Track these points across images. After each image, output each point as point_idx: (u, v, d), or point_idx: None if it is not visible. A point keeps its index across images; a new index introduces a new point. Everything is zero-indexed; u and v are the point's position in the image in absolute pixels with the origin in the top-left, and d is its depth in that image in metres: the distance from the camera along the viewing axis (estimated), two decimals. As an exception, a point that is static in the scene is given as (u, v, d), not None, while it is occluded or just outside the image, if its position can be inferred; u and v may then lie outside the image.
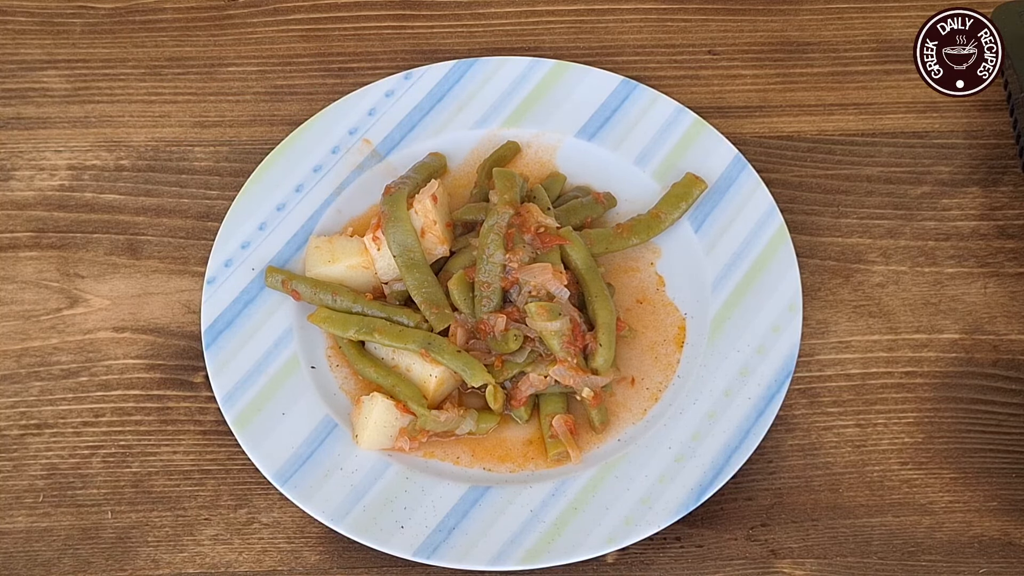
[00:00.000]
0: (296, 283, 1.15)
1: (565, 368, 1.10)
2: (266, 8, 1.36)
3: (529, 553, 1.04)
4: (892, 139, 1.27)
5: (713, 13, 1.35)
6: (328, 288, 1.14)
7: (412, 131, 1.24)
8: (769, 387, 1.10)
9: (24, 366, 1.17)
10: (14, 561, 1.09)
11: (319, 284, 1.15)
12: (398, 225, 1.14)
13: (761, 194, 1.19)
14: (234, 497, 1.11)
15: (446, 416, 1.09)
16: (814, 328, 1.17)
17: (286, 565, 1.08)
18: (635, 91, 1.24)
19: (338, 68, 1.33)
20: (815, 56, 1.32)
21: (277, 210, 1.20)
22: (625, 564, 1.07)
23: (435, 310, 1.13)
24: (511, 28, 1.35)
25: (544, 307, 1.09)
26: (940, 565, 1.07)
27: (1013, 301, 1.18)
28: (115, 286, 1.21)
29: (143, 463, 1.13)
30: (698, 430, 1.08)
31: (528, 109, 1.24)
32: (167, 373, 1.16)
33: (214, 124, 1.29)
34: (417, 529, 1.05)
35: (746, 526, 1.09)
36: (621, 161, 1.22)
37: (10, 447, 1.13)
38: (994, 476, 1.10)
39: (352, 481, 1.07)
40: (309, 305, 1.16)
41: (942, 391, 1.14)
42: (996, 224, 1.22)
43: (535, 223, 1.14)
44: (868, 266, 1.20)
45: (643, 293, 1.17)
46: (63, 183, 1.26)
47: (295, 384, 1.12)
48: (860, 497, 1.10)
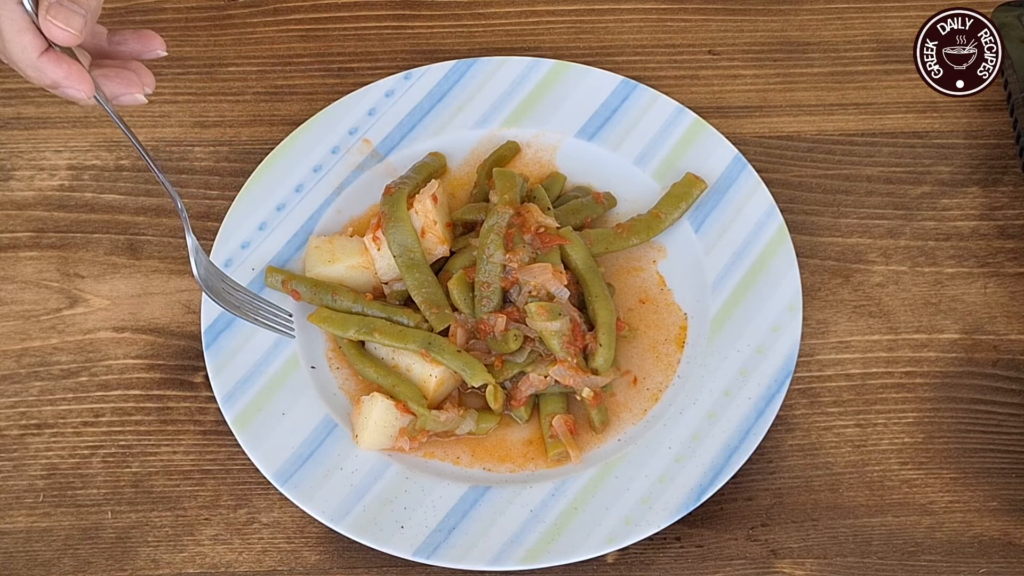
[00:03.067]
0: (296, 283, 1.15)
1: (565, 368, 1.10)
2: (266, 8, 1.36)
3: (529, 553, 1.04)
4: (892, 139, 1.27)
5: (713, 13, 1.35)
6: (328, 288, 1.14)
7: (412, 131, 1.24)
8: (769, 387, 1.10)
9: (24, 366, 1.17)
10: (14, 561, 1.09)
11: (319, 284, 1.15)
12: (398, 225, 1.14)
13: (761, 194, 1.19)
14: (234, 497, 1.11)
15: (446, 416, 1.09)
16: (814, 328, 1.17)
17: (286, 565, 1.08)
18: (635, 91, 1.24)
19: (338, 68, 1.33)
20: (815, 56, 1.32)
21: (277, 210, 1.20)
22: (625, 564, 1.07)
23: (435, 310, 1.13)
24: (511, 28, 1.35)
25: (544, 307, 1.09)
26: (940, 565, 1.07)
27: (1013, 301, 1.18)
28: (115, 286, 1.21)
29: (143, 463, 1.13)
30: (698, 430, 1.08)
31: (528, 109, 1.24)
32: (167, 373, 1.16)
33: (214, 124, 1.29)
34: (417, 529, 1.05)
35: (746, 526, 1.09)
36: (621, 161, 1.22)
37: (10, 447, 1.13)
38: (994, 476, 1.10)
39: (352, 481, 1.07)
40: (309, 305, 1.16)
41: (942, 391, 1.14)
42: (996, 224, 1.22)
43: (535, 223, 1.14)
44: (868, 266, 1.20)
45: (645, 293, 1.17)
46: (63, 183, 1.26)
47: (295, 384, 1.12)
48: (860, 497, 1.10)
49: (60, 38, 0.98)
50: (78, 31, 0.98)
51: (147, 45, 1.07)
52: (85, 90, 1.01)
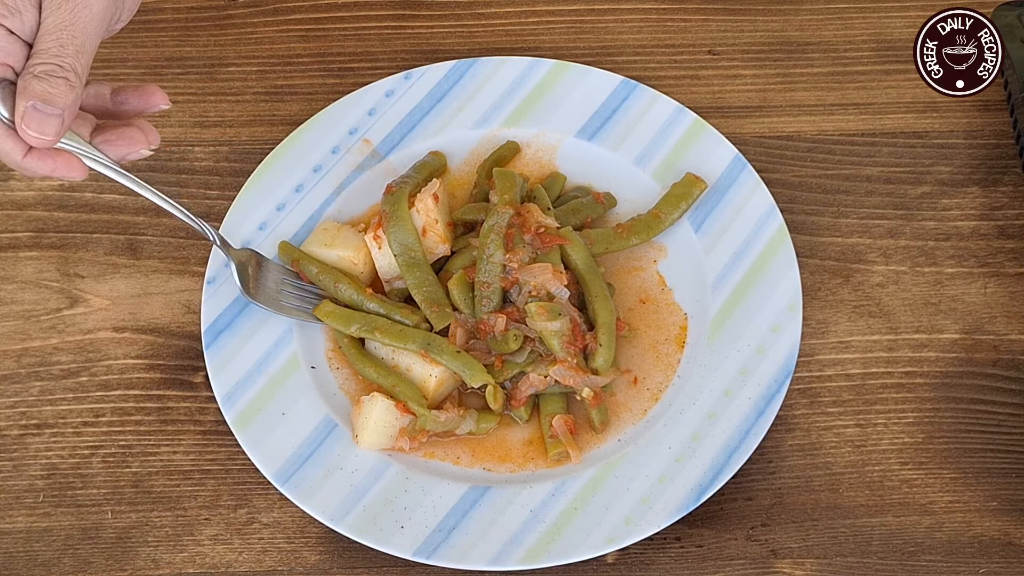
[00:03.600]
0: (305, 263, 1.16)
1: (565, 368, 1.10)
2: (266, 8, 1.36)
3: (529, 553, 1.04)
4: (892, 139, 1.27)
5: (713, 13, 1.35)
6: (333, 274, 1.14)
7: (412, 131, 1.24)
8: (769, 387, 1.10)
9: (24, 366, 1.17)
10: (14, 561, 1.09)
11: (326, 269, 1.15)
12: (399, 224, 1.14)
13: (761, 194, 1.19)
14: (234, 497, 1.11)
15: (446, 416, 1.09)
16: (814, 328, 1.17)
17: (286, 565, 1.08)
18: (635, 91, 1.24)
19: (338, 68, 1.33)
20: (815, 56, 1.32)
21: (277, 210, 1.20)
22: (625, 564, 1.07)
23: (435, 309, 1.13)
24: (511, 28, 1.35)
25: (544, 307, 1.09)
26: (940, 565, 1.07)
27: (1013, 301, 1.18)
28: (115, 286, 1.21)
29: (143, 463, 1.13)
30: (698, 430, 1.08)
31: (528, 109, 1.25)
32: (167, 373, 1.16)
33: (214, 124, 1.29)
34: (417, 529, 1.05)
35: (746, 526, 1.09)
36: (621, 161, 1.22)
37: (10, 447, 1.13)
38: (994, 476, 1.10)
39: (352, 481, 1.07)
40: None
41: (942, 391, 1.14)
42: (996, 224, 1.22)
43: (535, 223, 1.14)
44: (868, 266, 1.20)
45: (646, 293, 1.17)
46: (63, 183, 1.26)
47: (295, 384, 1.12)
48: (860, 497, 1.10)
49: (38, 144, 0.98)
50: (54, 135, 0.97)
51: (148, 102, 1.07)
52: (75, 176, 1.02)
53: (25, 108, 0.96)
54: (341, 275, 1.15)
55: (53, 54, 0.97)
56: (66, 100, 0.97)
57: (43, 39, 0.97)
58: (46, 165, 1.01)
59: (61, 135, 0.98)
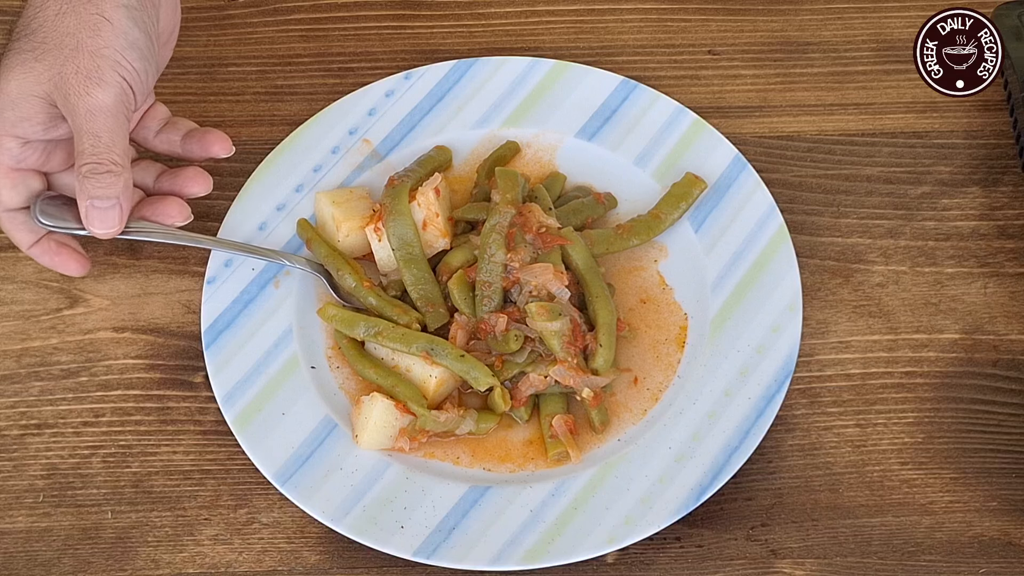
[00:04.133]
0: (316, 245, 1.16)
1: (565, 368, 1.10)
2: (266, 8, 1.36)
3: (529, 553, 1.04)
4: (892, 139, 1.27)
5: (713, 13, 1.35)
6: (338, 261, 1.14)
7: (412, 131, 1.24)
8: (769, 387, 1.10)
9: (24, 366, 1.17)
10: (14, 561, 1.09)
11: (334, 254, 1.15)
12: (399, 219, 1.14)
13: (761, 194, 1.19)
14: (234, 497, 1.11)
15: (446, 416, 1.09)
16: (814, 328, 1.17)
17: (286, 565, 1.08)
18: (635, 91, 1.24)
19: (338, 68, 1.33)
20: (815, 56, 1.32)
21: (277, 210, 1.20)
22: (625, 564, 1.07)
23: (431, 308, 1.13)
24: (511, 28, 1.35)
25: (544, 307, 1.09)
26: (940, 565, 1.07)
27: (1013, 301, 1.18)
28: (115, 286, 1.21)
29: (143, 463, 1.13)
30: (698, 430, 1.08)
31: (528, 109, 1.25)
32: (167, 373, 1.16)
33: (214, 124, 1.29)
34: (417, 529, 1.05)
35: (746, 526, 1.09)
36: (621, 161, 1.22)
37: (10, 447, 1.13)
38: (994, 476, 1.10)
39: (352, 481, 1.07)
40: (309, 305, 1.16)
41: (942, 391, 1.14)
42: (996, 224, 1.22)
43: (537, 223, 1.14)
44: (868, 266, 1.20)
45: (646, 292, 1.17)
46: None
47: (295, 384, 1.12)
48: (860, 497, 1.10)
49: (106, 236, 1.09)
50: (118, 223, 1.08)
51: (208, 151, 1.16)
52: (72, 273, 1.15)
53: (85, 208, 1.06)
54: (344, 263, 1.15)
55: (90, 153, 1.05)
56: (116, 189, 1.06)
57: (79, 140, 1.05)
58: (48, 261, 1.14)
59: (124, 221, 1.08)
